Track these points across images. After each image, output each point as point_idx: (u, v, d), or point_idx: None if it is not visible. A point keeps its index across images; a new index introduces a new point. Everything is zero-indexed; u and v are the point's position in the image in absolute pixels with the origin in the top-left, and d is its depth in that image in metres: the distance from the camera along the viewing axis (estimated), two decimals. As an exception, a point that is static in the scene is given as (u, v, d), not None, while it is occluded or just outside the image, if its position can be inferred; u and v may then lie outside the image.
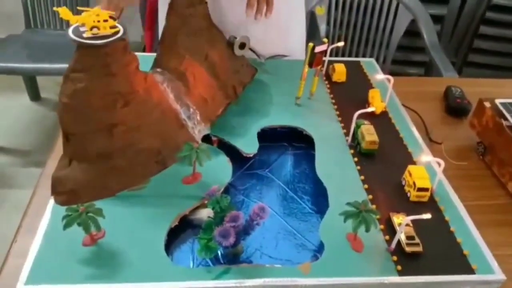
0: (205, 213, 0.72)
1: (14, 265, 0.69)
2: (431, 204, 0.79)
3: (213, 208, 0.68)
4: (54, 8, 0.68)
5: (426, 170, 0.81)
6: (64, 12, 0.68)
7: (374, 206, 0.77)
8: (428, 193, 0.79)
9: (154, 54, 0.95)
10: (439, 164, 0.80)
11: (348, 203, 0.69)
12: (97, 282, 0.62)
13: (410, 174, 0.81)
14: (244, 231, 0.68)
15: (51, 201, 0.73)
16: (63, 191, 0.73)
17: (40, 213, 0.72)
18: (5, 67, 2.00)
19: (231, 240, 0.63)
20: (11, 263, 0.70)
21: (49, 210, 0.72)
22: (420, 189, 0.79)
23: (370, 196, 0.79)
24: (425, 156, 0.83)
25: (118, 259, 0.65)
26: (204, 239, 0.65)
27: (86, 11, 0.71)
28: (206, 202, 0.73)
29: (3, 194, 0.72)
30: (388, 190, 0.82)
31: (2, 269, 0.70)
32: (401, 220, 0.73)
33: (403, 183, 0.83)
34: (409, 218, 0.67)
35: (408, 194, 0.80)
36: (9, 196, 1.68)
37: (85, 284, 0.61)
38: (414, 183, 0.79)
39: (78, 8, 0.75)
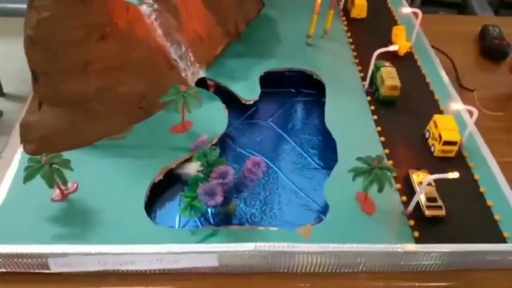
0: (194, 168, 0.62)
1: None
2: (459, 160, 0.68)
3: (200, 162, 0.59)
4: None
5: (455, 120, 0.69)
6: None
7: (390, 162, 0.66)
8: (455, 147, 0.68)
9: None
10: (470, 114, 0.67)
11: (358, 158, 0.58)
12: (65, 242, 0.54)
13: (436, 125, 0.69)
14: (236, 189, 0.59)
15: (20, 150, 0.64)
16: (33, 139, 0.64)
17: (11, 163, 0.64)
18: (6, 8, 1.90)
19: (218, 199, 0.54)
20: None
21: (17, 160, 0.63)
22: (446, 143, 0.67)
23: (387, 151, 0.68)
24: (455, 104, 0.70)
25: (91, 217, 0.57)
26: (188, 197, 0.56)
27: None
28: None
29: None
30: (409, 144, 0.70)
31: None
32: (421, 179, 0.62)
33: (427, 135, 0.71)
34: (431, 177, 0.56)
35: (432, 149, 0.69)
36: (14, 133, 1.64)
37: (52, 244, 0.53)
38: (440, 135, 0.67)
39: None
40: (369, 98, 0.78)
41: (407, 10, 0.89)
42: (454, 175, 0.54)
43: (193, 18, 0.80)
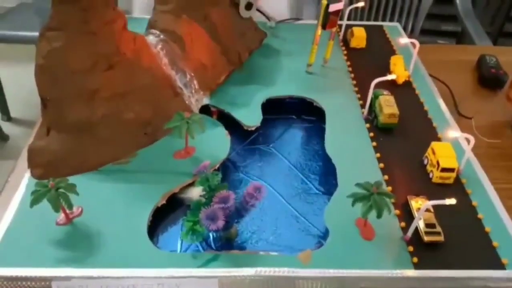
0: (196, 192, 0.64)
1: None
2: (457, 187, 0.69)
3: (202, 187, 0.60)
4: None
5: (452, 147, 0.70)
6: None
7: (389, 188, 0.67)
8: (453, 174, 0.69)
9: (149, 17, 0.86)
10: (468, 141, 0.69)
11: (357, 184, 0.59)
12: (68, 266, 0.55)
13: (434, 152, 0.70)
14: (237, 213, 0.60)
15: (27, 174, 0.66)
16: (40, 164, 0.66)
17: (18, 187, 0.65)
18: (16, 36, 1.95)
19: (219, 223, 0.55)
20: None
21: (24, 184, 0.65)
22: (444, 169, 0.68)
23: (386, 177, 0.69)
24: (452, 132, 0.72)
25: (94, 241, 0.58)
26: (190, 221, 0.57)
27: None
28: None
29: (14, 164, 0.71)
30: (407, 170, 0.72)
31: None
32: (420, 205, 0.63)
33: (425, 162, 0.72)
34: (430, 203, 0.57)
35: (430, 175, 0.70)
36: (22, 157, 1.66)
37: (55, 267, 0.54)
38: (438, 162, 0.69)
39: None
40: (368, 125, 0.80)
41: (405, 40, 0.92)
42: (452, 201, 0.55)
43: (198, 48, 0.82)
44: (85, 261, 0.56)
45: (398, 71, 0.89)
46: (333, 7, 0.82)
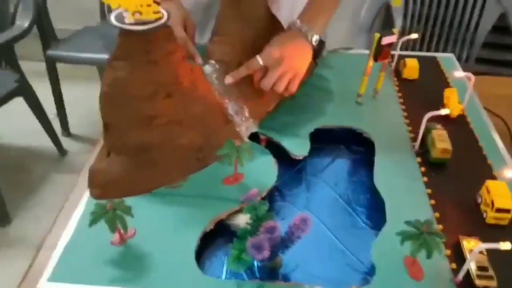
0: (243, 219, 0.65)
1: (45, 257, 0.67)
2: (513, 229, 0.66)
3: (249, 215, 0.61)
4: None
5: (508, 187, 0.68)
6: (105, -5, 0.64)
7: (440, 227, 0.65)
8: (509, 215, 0.66)
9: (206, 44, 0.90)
10: (526, 182, 0.66)
11: (407, 222, 0.58)
12: (119, 285, 0.57)
13: (488, 191, 0.68)
14: (283, 244, 0.60)
15: (86, 194, 0.70)
16: (98, 184, 0.70)
17: (78, 205, 0.70)
18: (80, 57, 2.08)
19: (265, 253, 0.55)
20: (43, 254, 0.68)
21: (84, 203, 0.69)
22: (499, 210, 0.66)
23: (437, 214, 0.68)
24: (508, 171, 0.69)
25: (144, 262, 0.60)
26: (236, 249, 0.59)
27: (129, -5, 0.66)
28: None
29: (72, 179, 0.75)
30: (460, 208, 0.69)
31: (35, 259, 0.68)
32: (472, 246, 0.61)
33: (479, 200, 0.70)
34: (483, 246, 0.56)
35: (484, 215, 0.68)
36: (83, 175, 1.75)
37: (107, 286, 0.57)
38: (492, 201, 0.66)
39: (121, -8, 0.71)
40: (419, 159, 0.78)
41: (460, 74, 0.90)
42: (506, 246, 0.53)
43: (251, 78, 0.85)
44: (135, 282, 0.58)
45: (452, 105, 0.87)
46: (386, 40, 0.82)
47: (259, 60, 0.80)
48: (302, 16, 0.87)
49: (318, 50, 0.87)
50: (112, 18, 0.67)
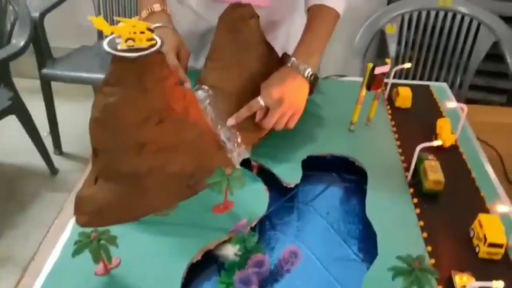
0: (232, 250, 0.64)
1: (27, 284, 0.65)
2: (505, 264, 0.65)
3: (238, 246, 0.60)
4: (89, 17, 0.65)
5: (501, 220, 0.67)
6: (98, 22, 0.64)
7: (432, 261, 0.64)
8: (501, 250, 0.65)
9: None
10: (519, 216, 0.65)
11: (398, 257, 0.57)
12: (103, 318, 0.56)
13: (481, 225, 0.67)
14: (272, 278, 0.59)
15: (72, 221, 0.69)
16: (85, 211, 0.69)
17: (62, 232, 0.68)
18: (75, 77, 2.08)
19: (253, 288, 0.54)
20: (25, 282, 0.66)
21: (69, 230, 0.67)
22: (491, 245, 0.65)
23: (429, 248, 0.67)
24: (502, 205, 0.68)
25: (129, 294, 0.59)
26: (224, 283, 0.57)
27: (123, 21, 0.66)
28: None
29: (63, 197, 0.74)
30: (452, 242, 0.69)
31: (18, 284, 0.66)
32: (465, 282, 0.60)
33: (471, 234, 0.69)
34: (476, 284, 0.54)
35: (477, 249, 0.67)
36: (70, 200, 1.74)
37: (89, 319, 0.55)
38: (484, 236, 0.65)
39: (115, 18, 0.71)
40: (412, 190, 0.78)
41: (452, 104, 0.90)
42: (499, 285, 0.52)
43: (244, 104, 0.84)
44: (119, 314, 0.56)
45: (445, 135, 0.87)
46: (378, 70, 0.82)
47: (260, 101, 0.82)
48: (298, 52, 0.89)
49: (313, 85, 0.88)
50: (105, 44, 0.67)
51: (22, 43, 1.77)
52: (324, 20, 0.91)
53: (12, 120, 1.82)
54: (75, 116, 2.30)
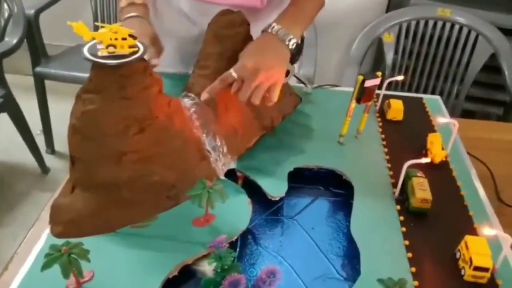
0: (209, 266, 0.62)
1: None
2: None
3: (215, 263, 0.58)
4: (68, 23, 0.63)
5: (488, 243, 0.65)
6: (78, 27, 0.62)
7: (416, 283, 0.62)
8: (487, 274, 0.63)
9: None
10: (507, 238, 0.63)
11: (379, 280, 0.56)
12: (71, 335, 0.54)
13: (467, 247, 0.65)
14: (248, 298, 0.57)
15: (47, 231, 0.67)
16: (60, 221, 0.67)
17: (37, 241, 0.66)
18: (69, 76, 2.05)
19: (227, 309, 0.52)
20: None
21: (43, 241, 0.65)
22: (477, 268, 0.63)
23: (413, 269, 0.65)
24: (489, 228, 0.66)
25: (101, 309, 0.57)
26: (198, 301, 0.55)
27: (104, 27, 0.65)
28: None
29: (54, 197, 0.72)
30: (437, 263, 0.67)
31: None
32: (448, 307, 0.58)
33: (457, 255, 0.67)
34: (457, 311, 0.53)
35: (462, 272, 0.65)
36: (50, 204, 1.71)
37: (57, 336, 0.53)
38: (470, 259, 0.63)
39: (96, 23, 0.69)
40: (398, 207, 0.76)
41: (443, 120, 0.89)
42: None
43: (231, 112, 0.83)
44: (89, 331, 0.54)
45: (435, 151, 0.85)
46: (369, 83, 0.81)
47: (233, 73, 0.77)
48: (282, 20, 0.84)
49: (295, 54, 0.83)
50: (85, 50, 0.65)
51: (15, 40, 1.75)
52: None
53: (3, 118, 1.80)
54: (68, 114, 2.29)
